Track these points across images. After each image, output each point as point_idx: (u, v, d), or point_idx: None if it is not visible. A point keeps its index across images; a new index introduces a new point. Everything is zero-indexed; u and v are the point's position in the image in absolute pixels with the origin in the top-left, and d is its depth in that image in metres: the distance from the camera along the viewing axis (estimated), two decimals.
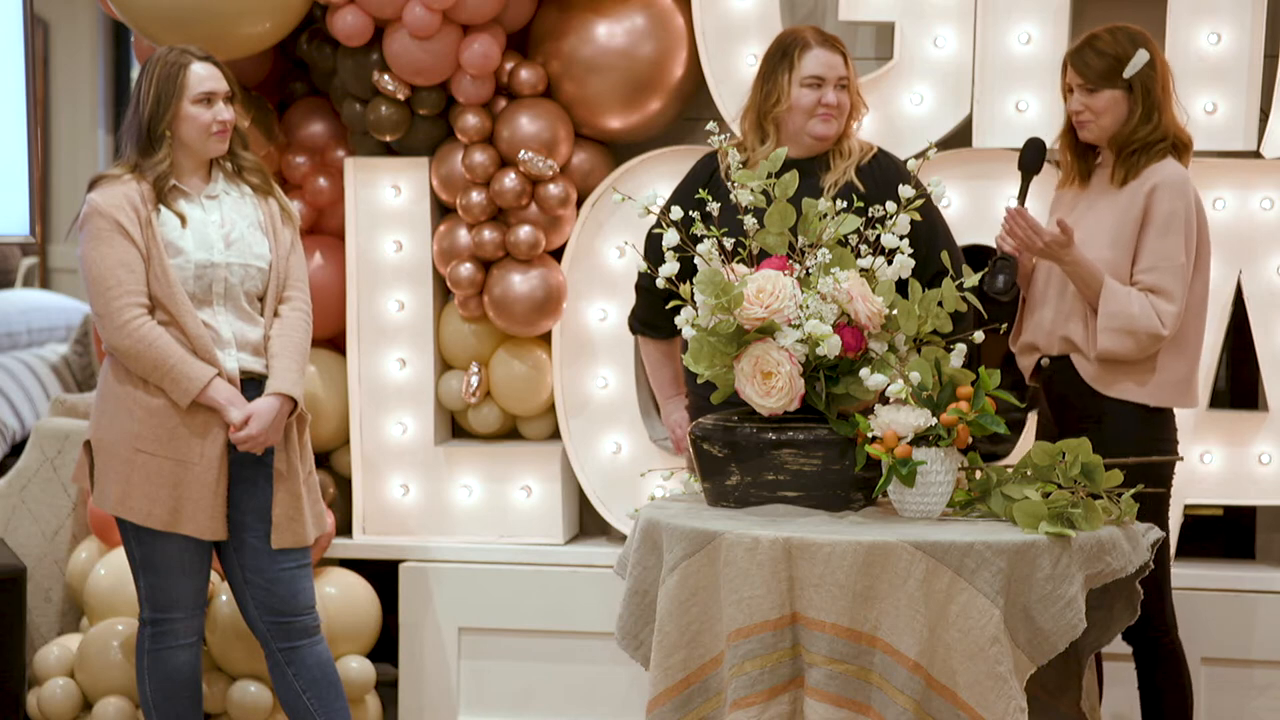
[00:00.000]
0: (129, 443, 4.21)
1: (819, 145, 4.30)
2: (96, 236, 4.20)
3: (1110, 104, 4.15)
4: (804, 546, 3.49)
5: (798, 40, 4.31)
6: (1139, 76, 4.14)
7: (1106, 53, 4.15)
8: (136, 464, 4.21)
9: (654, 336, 4.54)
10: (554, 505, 5.13)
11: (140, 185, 4.23)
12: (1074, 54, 4.20)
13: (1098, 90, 4.15)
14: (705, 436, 3.77)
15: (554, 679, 5.09)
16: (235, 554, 4.32)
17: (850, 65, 4.33)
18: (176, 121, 4.25)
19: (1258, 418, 4.79)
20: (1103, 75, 4.14)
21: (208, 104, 4.26)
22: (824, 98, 4.26)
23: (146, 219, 4.20)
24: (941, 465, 3.63)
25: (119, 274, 4.18)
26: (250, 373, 4.29)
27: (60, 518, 5.20)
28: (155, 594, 4.30)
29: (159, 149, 4.24)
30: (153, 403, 4.20)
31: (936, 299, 3.74)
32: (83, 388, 7.12)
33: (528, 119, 5.01)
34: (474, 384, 5.12)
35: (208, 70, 4.28)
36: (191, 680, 4.34)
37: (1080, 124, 4.20)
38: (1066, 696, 3.88)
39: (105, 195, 4.21)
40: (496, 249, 5.03)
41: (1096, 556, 3.58)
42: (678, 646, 3.63)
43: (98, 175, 4.29)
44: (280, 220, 4.38)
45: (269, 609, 4.34)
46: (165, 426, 4.20)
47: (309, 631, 4.37)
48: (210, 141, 4.28)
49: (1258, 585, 4.75)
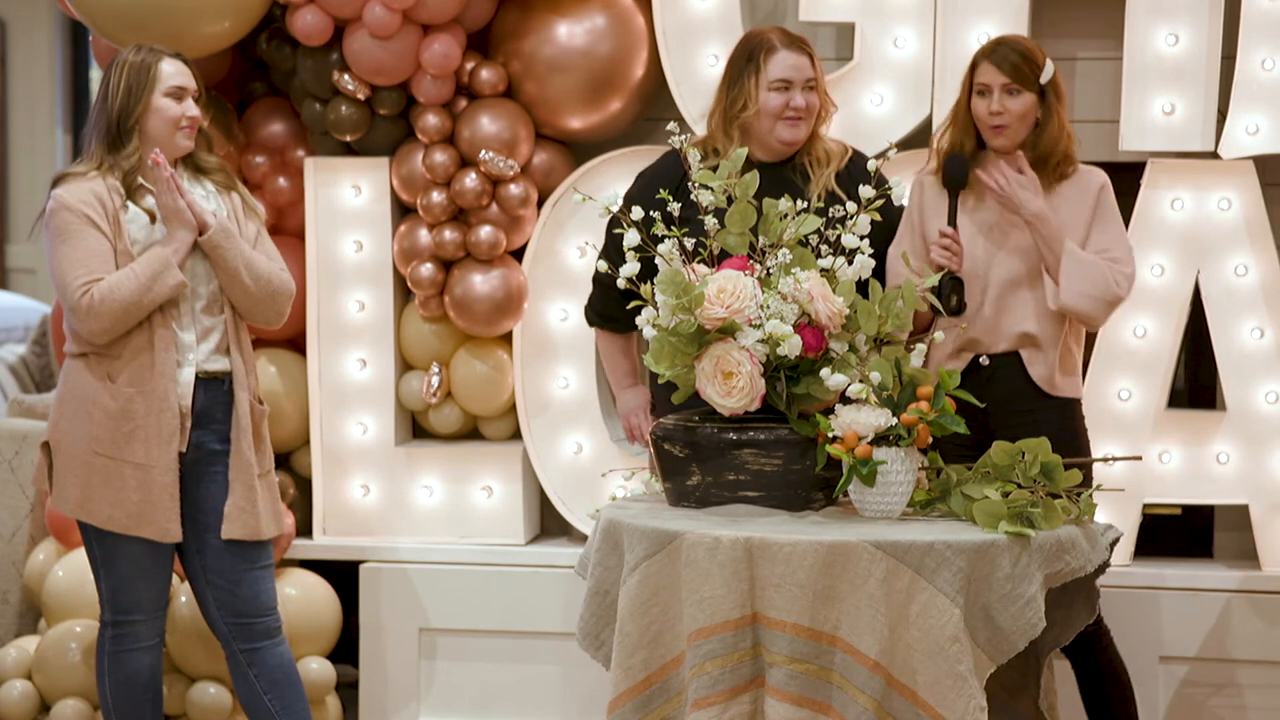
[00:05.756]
0: (87, 445, 4.19)
1: (787, 149, 4.29)
2: (64, 231, 4.15)
3: (1027, 109, 4.17)
4: (765, 546, 3.50)
5: (763, 43, 4.27)
6: (1051, 85, 4.17)
7: (1024, 55, 4.16)
8: (95, 467, 4.19)
9: (612, 330, 4.54)
10: (515, 505, 5.12)
11: (107, 181, 4.20)
12: (992, 53, 4.18)
13: (1020, 92, 4.16)
14: (666, 437, 3.77)
15: (515, 679, 5.08)
16: (197, 555, 4.30)
17: (817, 65, 4.30)
18: (146, 115, 4.22)
19: (1216, 417, 4.82)
20: (1024, 76, 4.15)
21: (178, 99, 4.24)
22: (792, 101, 4.23)
23: (114, 214, 4.18)
24: (902, 465, 3.64)
25: (91, 264, 4.13)
26: (212, 373, 4.27)
27: (18, 519, 5.17)
28: (116, 596, 4.28)
29: (128, 143, 4.21)
30: (110, 405, 4.18)
31: (896, 299, 3.74)
32: (41, 388, 7.09)
33: (488, 119, 5.01)
34: (435, 384, 5.11)
35: (177, 67, 4.26)
36: (152, 682, 4.33)
37: (998, 127, 4.17)
38: (1025, 695, 3.90)
39: (71, 191, 4.17)
40: (457, 249, 5.03)
41: (1056, 556, 3.60)
42: (639, 646, 3.63)
43: (62, 173, 4.25)
44: (244, 214, 4.36)
45: (231, 610, 4.32)
46: (123, 430, 4.18)
47: (271, 632, 4.36)
48: (178, 136, 4.25)
49: (1215, 584, 4.77)
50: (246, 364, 4.33)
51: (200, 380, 4.25)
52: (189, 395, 4.22)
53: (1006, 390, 4.18)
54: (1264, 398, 4.78)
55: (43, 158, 10.64)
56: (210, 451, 4.27)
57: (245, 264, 4.25)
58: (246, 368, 4.33)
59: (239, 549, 4.29)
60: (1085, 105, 4.94)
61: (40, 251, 11.04)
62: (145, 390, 4.18)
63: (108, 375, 4.19)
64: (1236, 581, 4.79)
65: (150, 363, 4.18)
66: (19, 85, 10.45)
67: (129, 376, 4.18)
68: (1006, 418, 4.15)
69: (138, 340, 4.18)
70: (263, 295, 4.30)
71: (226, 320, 4.30)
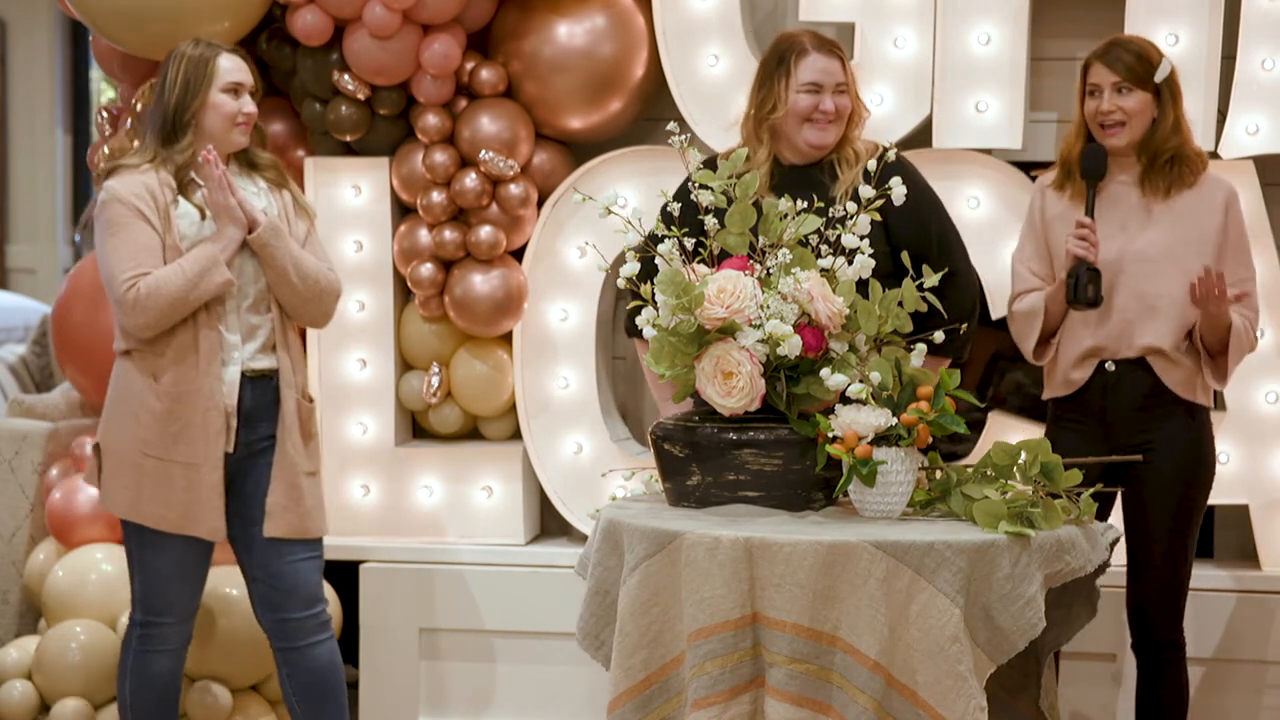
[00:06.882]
0: (136, 448, 4.19)
1: (816, 153, 4.26)
2: (114, 223, 4.15)
3: (1142, 106, 4.16)
4: (765, 546, 3.50)
5: (794, 45, 4.23)
6: (1166, 83, 4.16)
7: (1139, 54, 4.15)
8: (145, 469, 4.19)
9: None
10: (515, 505, 5.12)
11: (160, 174, 4.19)
12: (1104, 54, 4.18)
13: (1132, 90, 4.15)
14: (666, 437, 3.77)
15: (515, 679, 5.08)
16: (245, 552, 4.32)
17: (849, 69, 4.25)
18: (202, 110, 4.21)
19: (1216, 417, 4.80)
20: (1137, 75, 4.14)
21: (234, 95, 4.24)
22: (821, 104, 4.18)
23: (165, 209, 4.17)
24: (902, 465, 3.64)
25: (139, 257, 4.13)
26: (258, 371, 4.26)
27: (18, 519, 5.17)
28: (149, 596, 4.28)
29: (182, 137, 4.21)
30: (156, 406, 4.18)
31: (896, 299, 3.74)
32: (41, 388, 7.09)
33: (488, 119, 5.01)
34: (435, 384, 5.11)
35: (235, 62, 4.26)
36: (171, 686, 4.33)
37: (1110, 126, 4.18)
38: (1025, 695, 3.89)
39: (124, 183, 4.17)
40: (457, 249, 5.03)
41: (1056, 556, 3.59)
42: (639, 646, 3.63)
43: (114, 164, 4.23)
44: (294, 212, 4.36)
45: (269, 604, 4.33)
46: (170, 430, 4.18)
47: (307, 632, 4.34)
48: (233, 132, 4.25)
49: (1215, 584, 4.77)
50: (294, 362, 4.32)
51: (247, 379, 4.24)
52: (234, 394, 4.22)
53: (1131, 396, 4.19)
54: (1264, 398, 4.78)
55: (43, 158, 10.64)
56: (258, 450, 4.27)
57: (294, 263, 4.24)
58: (294, 366, 4.32)
59: (281, 545, 4.30)
60: None
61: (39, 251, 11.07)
62: (190, 390, 4.17)
63: (153, 375, 4.18)
64: (1236, 581, 4.79)
65: (195, 362, 4.18)
66: (19, 85, 10.45)
67: (174, 376, 4.18)
68: (1129, 424, 4.18)
69: (182, 339, 4.18)
70: (310, 295, 4.29)
71: (273, 319, 4.29)
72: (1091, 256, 4.11)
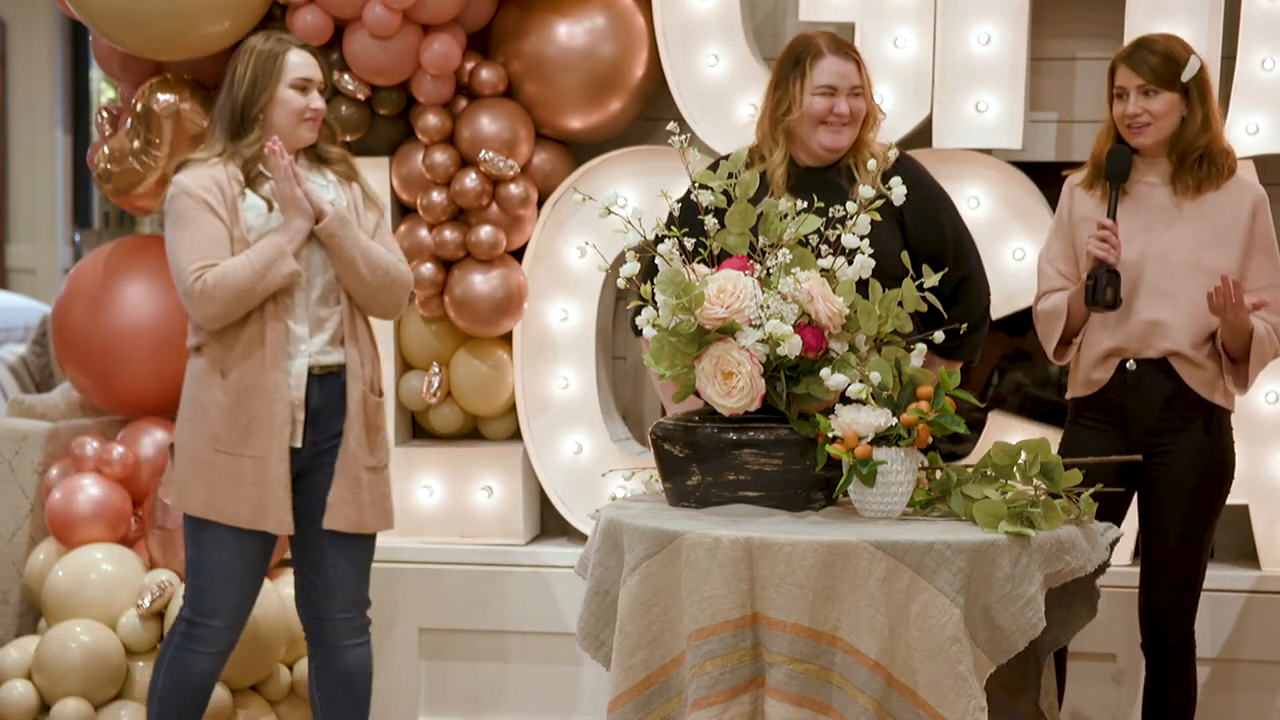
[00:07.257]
0: (208, 444, 4.19)
1: (830, 155, 4.24)
2: (182, 216, 4.15)
3: (1169, 107, 4.16)
4: (765, 546, 3.50)
5: (810, 48, 4.21)
6: (1195, 81, 4.15)
7: (1165, 55, 4.14)
8: (217, 465, 4.18)
9: None
10: (515, 505, 5.12)
11: (228, 168, 4.19)
12: (1129, 56, 4.17)
13: (1158, 92, 4.15)
14: (666, 437, 3.77)
15: (515, 679, 5.08)
16: (301, 546, 4.32)
17: (864, 72, 4.23)
18: (271, 106, 4.21)
19: None
20: (1163, 77, 4.13)
21: (303, 91, 4.24)
22: (836, 107, 4.16)
23: (232, 201, 4.17)
24: (902, 465, 3.64)
25: (206, 249, 4.13)
26: (326, 367, 4.26)
27: (18, 519, 5.17)
28: (200, 595, 4.26)
29: (250, 132, 4.21)
30: (224, 402, 4.17)
31: (897, 299, 3.74)
32: (41, 388, 7.08)
33: (488, 119, 5.01)
34: (435, 384, 5.11)
35: (304, 58, 4.26)
36: (204, 689, 4.30)
37: (1137, 128, 4.17)
38: (1025, 695, 3.89)
39: (192, 176, 4.17)
40: (457, 249, 5.03)
41: (1056, 556, 3.59)
42: (639, 646, 3.63)
43: (185, 158, 4.24)
44: (363, 205, 4.35)
45: (308, 601, 4.34)
46: (238, 424, 4.17)
47: (341, 635, 4.34)
48: (301, 128, 4.25)
49: (1216, 584, 4.76)
50: (363, 355, 4.31)
51: (315, 376, 4.23)
52: (301, 388, 4.21)
53: (1152, 397, 4.19)
54: (1264, 398, 4.78)
55: (43, 158, 10.64)
56: (325, 448, 4.27)
57: (362, 254, 4.23)
58: (362, 359, 4.30)
59: (334, 540, 4.29)
60: (1085, 105, 4.94)
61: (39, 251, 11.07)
62: (256, 383, 4.17)
63: (220, 371, 4.18)
64: (1237, 581, 4.79)
65: (261, 356, 4.17)
66: (19, 85, 10.45)
67: (241, 371, 4.18)
68: (1149, 424, 4.18)
69: (250, 332, 4.17)
70: (380, 285, 4.27)
71: (342, 311, 4.28)
72: (1112, 258, 4.11)
